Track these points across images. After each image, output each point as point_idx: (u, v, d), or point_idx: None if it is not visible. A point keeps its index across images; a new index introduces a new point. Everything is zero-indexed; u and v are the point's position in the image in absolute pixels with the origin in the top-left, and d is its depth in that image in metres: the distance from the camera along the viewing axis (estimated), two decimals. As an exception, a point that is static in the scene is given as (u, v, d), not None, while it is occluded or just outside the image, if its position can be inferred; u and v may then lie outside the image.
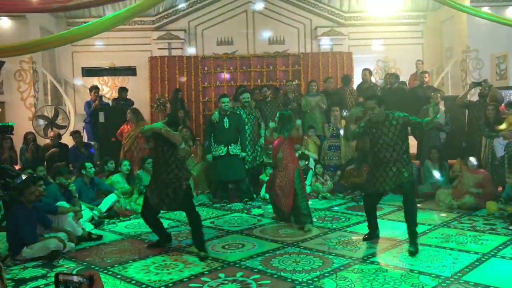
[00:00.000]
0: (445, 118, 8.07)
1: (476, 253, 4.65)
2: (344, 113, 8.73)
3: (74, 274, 1.77)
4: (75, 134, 8.63)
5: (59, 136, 8.73)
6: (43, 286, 4.16)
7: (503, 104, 7.68)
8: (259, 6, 11.30)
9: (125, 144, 8.21)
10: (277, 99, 9.03)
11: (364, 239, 5.22)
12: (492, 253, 4.64)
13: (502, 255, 4.57)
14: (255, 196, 7.74)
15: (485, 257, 4.53)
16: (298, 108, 8.92)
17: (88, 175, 6.77)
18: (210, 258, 4.73)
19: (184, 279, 4.17)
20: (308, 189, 7.89)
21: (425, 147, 8.23)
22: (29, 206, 4.96)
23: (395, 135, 4.79)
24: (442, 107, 8.33)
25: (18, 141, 8.34)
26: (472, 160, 6.92)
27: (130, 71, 11.36)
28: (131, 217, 6.74)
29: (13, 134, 3.52)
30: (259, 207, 7.21)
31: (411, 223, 4.84)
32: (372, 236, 5.26)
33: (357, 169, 8.00)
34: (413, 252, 4.67)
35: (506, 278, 3.94)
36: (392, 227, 5.69)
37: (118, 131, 8.39)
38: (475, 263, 4.36)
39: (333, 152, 8.47)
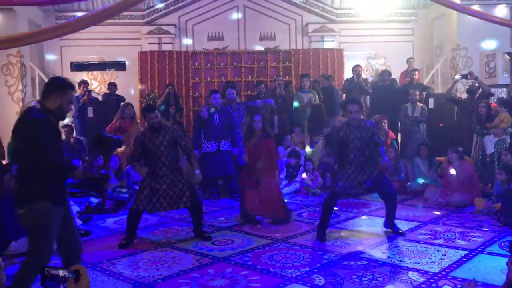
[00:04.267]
0: (421, 109, 8.21)
1: (464, 249, 4.69)
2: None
3: (60, 269, 1.75)
4: (65, 127, 8.54)
5: None
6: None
7: (494, 102, 7.75)
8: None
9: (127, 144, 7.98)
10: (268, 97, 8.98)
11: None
12: (480, 249, 4.69)
13: (489, 251, 4.61)
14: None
15: (473, 253, 4.57)
16: (284, 103, 8.92)
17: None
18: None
19: (173, 275, 4.15)
20: (297, 185, 7.92)
21: (409, 144, 8.27)
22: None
23: (365, 140, 5.03)
24: (419, 103, 8.41)
25: (6, 136, 8.21)
26: (451, 152, 6.94)
27: (120, 65, 11.25)
28: (119, 212, 6.68)
29: None
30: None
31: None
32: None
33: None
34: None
35: (493, 274, 3.97)
36: (380, 224, 5.70)
37: (112, 127, 8.10)
38: (463, 259, 4.40)
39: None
